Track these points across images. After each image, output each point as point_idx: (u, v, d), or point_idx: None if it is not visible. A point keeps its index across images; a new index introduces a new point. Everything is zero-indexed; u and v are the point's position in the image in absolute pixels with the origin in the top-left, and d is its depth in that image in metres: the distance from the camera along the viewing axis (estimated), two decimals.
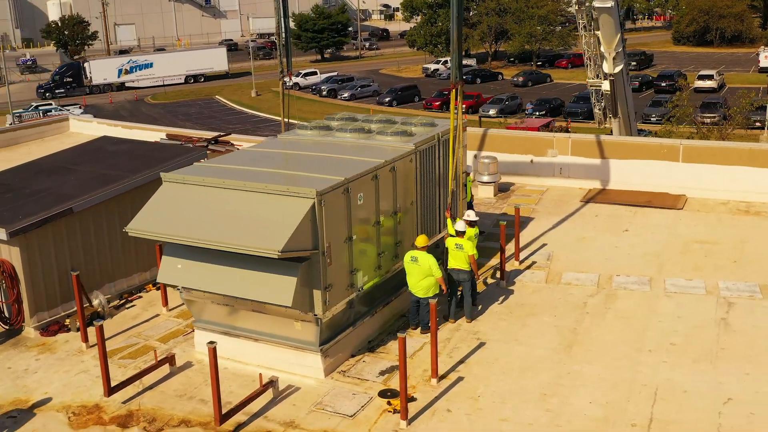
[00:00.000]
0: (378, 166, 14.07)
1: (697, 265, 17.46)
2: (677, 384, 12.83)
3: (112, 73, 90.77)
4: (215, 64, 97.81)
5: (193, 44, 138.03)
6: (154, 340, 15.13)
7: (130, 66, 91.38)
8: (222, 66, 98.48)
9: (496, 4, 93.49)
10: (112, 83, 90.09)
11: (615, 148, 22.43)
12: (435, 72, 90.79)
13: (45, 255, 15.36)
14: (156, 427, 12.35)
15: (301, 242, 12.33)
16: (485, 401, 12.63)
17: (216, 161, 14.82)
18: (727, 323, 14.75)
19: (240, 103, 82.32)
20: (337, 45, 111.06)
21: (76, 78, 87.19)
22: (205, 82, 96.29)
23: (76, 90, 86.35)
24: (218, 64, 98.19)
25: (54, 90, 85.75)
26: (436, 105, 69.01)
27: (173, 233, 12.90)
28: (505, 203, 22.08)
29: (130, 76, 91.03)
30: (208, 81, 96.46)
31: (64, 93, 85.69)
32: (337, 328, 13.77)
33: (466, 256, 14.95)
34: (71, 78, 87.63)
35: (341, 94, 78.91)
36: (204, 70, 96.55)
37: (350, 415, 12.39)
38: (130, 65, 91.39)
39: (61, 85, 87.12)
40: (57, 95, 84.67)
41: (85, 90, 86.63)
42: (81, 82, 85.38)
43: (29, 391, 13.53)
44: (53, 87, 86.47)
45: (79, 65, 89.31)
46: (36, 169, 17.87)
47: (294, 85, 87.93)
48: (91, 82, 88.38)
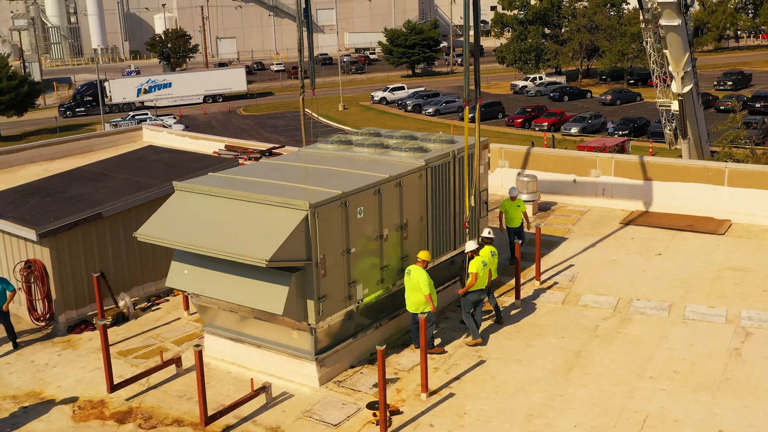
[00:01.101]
0: (381, 180, 14.31)
1: (724, 292, 16.92)
2: (670, 413, 12.54)
3: (131, 93, 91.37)
4: (234, 84, 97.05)
5: (290, 58, 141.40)
6: (169, 342, 15.76)
7: (149, 85, 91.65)
8: (241, 86, 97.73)
9: (587, 21, 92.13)
10: (131, 102, 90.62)
11: (659, 170, 21.93)
12: (523, 89, 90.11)
13: (74, 256, 16.23)
14: (150, 424, 12.90)
15: (293, 253, 12.68)
16: (470, 418, 12.65)
17: (231, 172, 15.36)
18: (739, 354, 14.29)
19: (327, 116, 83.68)
20: (428, 60, 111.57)
21: (97, 97, 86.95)
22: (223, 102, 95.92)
23: (96, 108, 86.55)
24: (237, 84, 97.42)
25: (75, 108, 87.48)
26: (518, 122, 68.57)
27: (175, 239, 13.49)
28: (542, 222, 21.89)
29: (149, 96, 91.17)
30: (227, 101, 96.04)
31: (85, 111, 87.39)
32: (335, 339, 14.04)
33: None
34: (92, 97, 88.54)
35: (425, 109, 79.28)
36: (222, 90, 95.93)
37: (334, 425, 12.63)
38: (149, 85, 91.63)
39: (82, 103, 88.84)
40: (78, 113, 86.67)
41: (105, 108, 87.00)
42: (101, 101, 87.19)
43: (45, 384, 14.35)
44: (74, 105, 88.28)
45: (100, 84, 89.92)
46: (78, 175, 18.90)
47: (381, 99, 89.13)
48: (111, 100, 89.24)
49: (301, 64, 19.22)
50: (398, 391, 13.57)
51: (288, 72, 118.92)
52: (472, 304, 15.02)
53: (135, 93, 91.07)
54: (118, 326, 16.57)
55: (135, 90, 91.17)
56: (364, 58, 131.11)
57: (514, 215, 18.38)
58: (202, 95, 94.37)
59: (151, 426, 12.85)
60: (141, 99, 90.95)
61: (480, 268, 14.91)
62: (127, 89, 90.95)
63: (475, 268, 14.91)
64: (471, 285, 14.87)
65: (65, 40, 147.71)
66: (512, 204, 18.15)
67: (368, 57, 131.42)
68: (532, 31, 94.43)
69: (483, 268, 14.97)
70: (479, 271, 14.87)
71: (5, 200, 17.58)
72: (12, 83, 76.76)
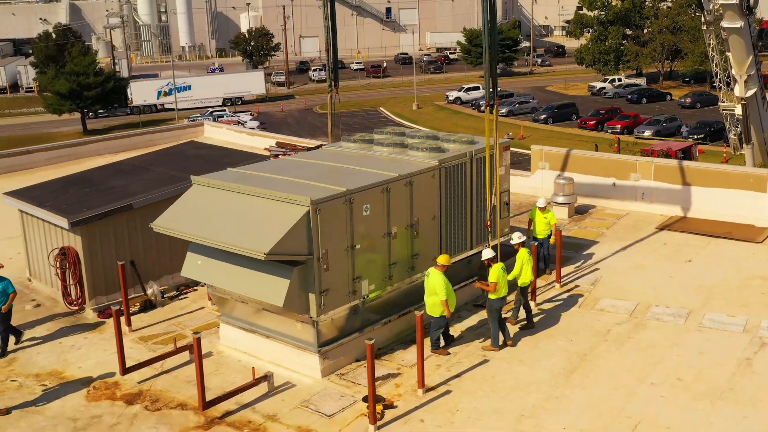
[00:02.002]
0: (390, 179, 14.56)
1: (747, 301, 16.52)
2: (664, 419, 12.41)
3: (151, 95, 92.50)
4: (252, 88, 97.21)
5: (371, 57, 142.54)
6: (189, 330, 16.36)
7: (168, 88, 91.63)
8: (259, 89, 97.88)
9: (670, 22, 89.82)
10: (151, 104, 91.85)
11: (699, 175, 21.46)
12: (601, 90, 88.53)
13: (105, 245, 17.02)
14: (156, 406, 13.49)
15: (293, 247, 13.05)
16: (461, 416, 12.79)
17: (250, 168, 15.84)
18: (750, 364, 13.97)
19: (400, 115, 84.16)
20: (506, 60, 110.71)
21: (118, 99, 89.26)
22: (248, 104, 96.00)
23: (117, 110, 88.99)
24: (256, 87, 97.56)
25: (97, 110, 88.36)
26: (591, 124, 67.49)
27: (186, 231, 14.06)
28: (576, 226, 21.72)
29: (169, 98, 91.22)
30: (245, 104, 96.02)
31: (106, 113, 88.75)
32: (340, 332, 14.37)
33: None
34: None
35: (499, 109, 78.63)
36: (241, 93, 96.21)
37: (328, 415, 12.96)
38: (169, 87, 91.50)
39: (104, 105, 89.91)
40: (100, 115, 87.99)
41: (126, 110, 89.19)
42: (122, 103, 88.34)
43: (67, 364, 15.14)
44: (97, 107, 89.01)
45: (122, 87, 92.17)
46: (119, 168, 19.76)
47: (456, 99, 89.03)
48: (132, 102, 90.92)
49: (328, 64, 19.55)
50: (397, 386, 13.80)
51: (366, 71, 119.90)
52: (497, 311, 14.95)
53: (155, 95, 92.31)
54: (145, 313, 17.29)
55: (155, 92, 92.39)
56: (443, 57, 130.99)
57: (540, 224, 18.12)
58: (221, 98, 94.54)
59: (156, 408, 13.44)
60: (161, 101, 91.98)
61: (500, 276, 14.87)
62: (148, 91, 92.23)
63: (494, 277, 14.82)
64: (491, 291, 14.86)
65: (155, 38, 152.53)
66: (539, 214, 17.96)
67: (448, 57, 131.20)
68: (612, 32, 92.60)
69: (503, 276, 14.94)
70: (499, 279, 14.84)
71: (48, 190, 18.54)
72: (98, 79, 79.78)
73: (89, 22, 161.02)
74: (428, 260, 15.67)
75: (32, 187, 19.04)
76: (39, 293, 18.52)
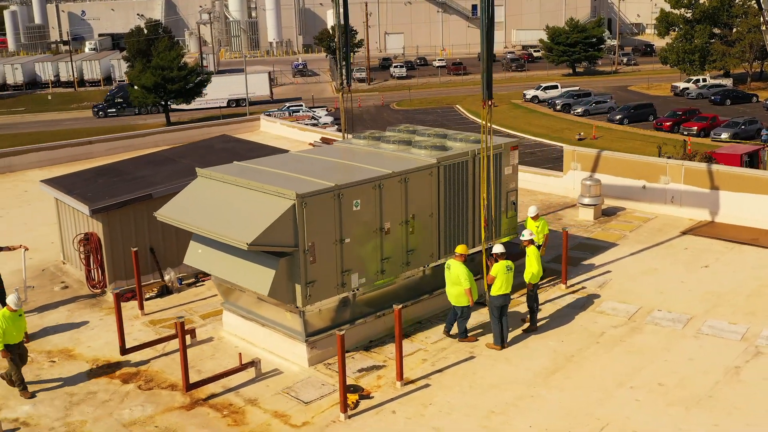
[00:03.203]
0: (383, 176, 14.88)
1: (754, 310, 16.15)
2: (633, 423, 12.37)
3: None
4: (257, 89, 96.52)
5: (455, 54, 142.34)
6: (198, 315, 17.09)
7: None
8: (264, 91, 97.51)
9: (759, 21, 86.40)
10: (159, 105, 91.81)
11: (729, 180, 20.94)
12: (684, 91, 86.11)
13: (125, 232, 17.90)
14: (148, 386, 14.21)
15: (278, 238, 13.53)
16: (432, 409, 13.03)
17: (254, 162, 16.41)
18: (738, 372, 13.72)
19: (475, 113, 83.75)
20: (589, 59, 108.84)
21: (126, 99, 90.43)
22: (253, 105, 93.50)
23: (125, 110, 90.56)
24: (260, 89, 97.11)
25: (106, 110, 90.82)
26: (667, 126, 65.78)
27: (184, 220, 14.74)
28: (600, 228, 21.52)
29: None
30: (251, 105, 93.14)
31: (116, 113, 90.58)
32: (329, 323, 14.79)
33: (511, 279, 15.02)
34: (121, 99, 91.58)
35: (575, 109, 77.62)
36: (245, 94, 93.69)
37: (306, 402, 13.41)
38: None
39: (113, 105, 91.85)
40: (109, 115, 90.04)
41: (133, 110, 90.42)
42: (130, 103, 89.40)
43: (78, 343, 16.05)
44: (106, 107, 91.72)
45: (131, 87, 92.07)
46: (150, 159, 20.68)
47: (533, 97, 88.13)
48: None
49: (339, 61, 19.93)
50: (379, 377, 14.14)
51: (448, 68, 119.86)
52: (498, 309, 15.03)
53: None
54: (161, 298, 18.11)
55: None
56: (527, 55, 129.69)
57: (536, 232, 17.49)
58: (226, 99, 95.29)
59: (149, 387, 14.15)
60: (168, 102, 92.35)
61: (503, 271, 14.95)
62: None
63: (495, 271, 15.00)
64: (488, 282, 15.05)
65: (244, 34, 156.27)
66: (532, 223, 17.46)
67: (531, 54, 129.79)
68: (698, 31, 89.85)
69: (506, 272, 14.99)
70: (500, 275, 14.91)
71: (81, 179, 19.60)
72: (182, 73, 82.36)
73: (183, 17, 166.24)
74: (425, 256, 15.97)
75: (67, 176, 20.15)
76: (69, 276, 19.59)
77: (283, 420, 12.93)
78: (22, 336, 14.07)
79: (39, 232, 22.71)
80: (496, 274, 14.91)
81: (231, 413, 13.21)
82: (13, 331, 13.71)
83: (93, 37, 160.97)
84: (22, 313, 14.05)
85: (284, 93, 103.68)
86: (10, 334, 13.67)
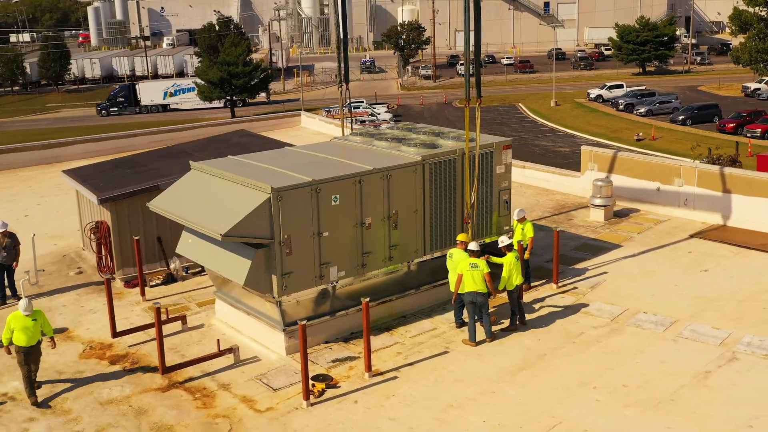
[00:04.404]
0: (363, 172, 15.24)
1: (744, 315, 15.91)
2: (585, 422, 12.44)
3: (158, 95, 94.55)
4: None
5: (525, 52, 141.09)
6: (194, 303, 17.77)
7: (174, 89, 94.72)
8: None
9: None
10: (158, 104, 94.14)
11: (743, 184, 20.54)
12: (755, 91, 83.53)
13: (133, 221, 18.70)
14: (133, 368, 14.92)
15: (252, 230, 14.04)
16: (393, 401, 13.35)
17: (247, 156, 16.94)
18: (706, 377, 13.61)
19: (536, 111, 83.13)
20: (660, 58, 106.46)
21: (128, 98, 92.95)
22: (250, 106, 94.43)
23: (127, 109, 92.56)
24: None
25: (109, 108, 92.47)
26: (730, 127, 63.99)
27: (171, 210, 15.41)
28: (608, 229, 21.39)
29: (174, 99, 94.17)
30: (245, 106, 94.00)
31: (118, 112, 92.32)
32: (308, 314, 15.23)
33: (482, 276, 15.09)
34: (123, 98, 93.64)
35: (637, 109, 76.17)
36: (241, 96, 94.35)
37: (274, 389, 13.89)
38: (175, 88, 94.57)
39: (115, 104, 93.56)
40: (111, 113, 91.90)
41: (135, 110, 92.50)
42: (132, 103, 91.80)
43: (78, 325, 16.90)
44: (109, 106, 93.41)
45: (132, 87, 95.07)
46: (167, 152, 21.50)
47: (597, 97, 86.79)
48: (140, 102, 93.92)
49: (339, 59, 20.29)
50: (350, 368, 14.51)
51: (515, 66, 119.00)
52: (470, 305, 15.20)
53: (162, 96, 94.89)
54: (166, 286, 18.86)
55: (162, 93, 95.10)
56: (597, 54, 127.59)
57: (516, 236, 17.27)
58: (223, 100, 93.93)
59: (132, 369, 14.86)
60: (167, 102, 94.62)
61: (466, 269, 15.16)
62: (155, 92, 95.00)
63: (461, 269, 15.23)
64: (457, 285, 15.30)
65: (316, 30, 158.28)
66: (518, 225, 17.45)
67: (602, 53, 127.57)
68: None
69: (470, 269, 15.07)
70: (463, 271, 15.18)
71: (99, 170, 20.54)
72: (247, 69, 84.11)
73: (258, 14, 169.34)
74: (408, 252, 16.26)
75: (87, 167, 21.15)
76: (86, 262, 20.55)
77: (249, 405, 13.43)
78: (35, 341, 13.78)
79: (69, 220, 23.75)
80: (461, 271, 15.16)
81: (202, 396, 13.79)
82: (21, 334, 13.56)
83: (171, 32, 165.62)
84: (37, 318, 13.82)
85: (350, 89, 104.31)
86: (18, 335, 13.56)
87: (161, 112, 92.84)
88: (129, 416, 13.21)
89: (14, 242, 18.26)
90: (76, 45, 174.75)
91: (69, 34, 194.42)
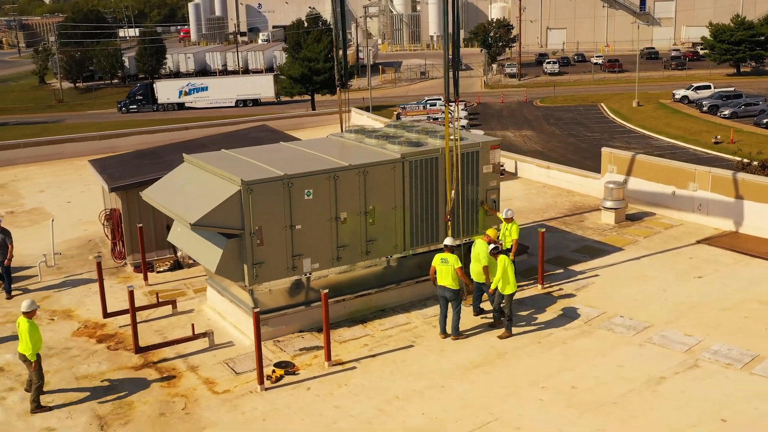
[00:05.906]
0: (338, 168, 15.71)
1: (721, 323, 15.61)
2: (520, 421, 12.59)
3: (174, 94, 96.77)
4: (263, 91, 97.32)
5: (618, 50, 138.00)
6: (192, 290, 18.62)
7: (189, 88, 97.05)
8: (269, 93, 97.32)
9: None
10: (173, 103, 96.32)
11: (757, 190, 19.97)
12: None
13: (143, 209, 19.66)
14: (116, 347, 15.83)
15: (223, 220, 14.70)
16: (343, 390, 13.78)
17: (238, 150, 17.62)
18: (659, 383, 13.49)
19: (617, 112, 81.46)
20: (756, 58, 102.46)
21: (146, 97, 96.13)
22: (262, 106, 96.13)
23: (145, 107, 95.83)
24: (265, 90, 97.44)
25: (129, 106, 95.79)
26: None
27: (158, 200, 16.25)
28: (615, 232, 21.16)
29: (189, 98, 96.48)
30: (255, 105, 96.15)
31: (136, 109, 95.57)
32: (282, 303, 15.82)
33: (452, 271, 15.35)
34: (142, 96, 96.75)
35: (722, 111, 73.73)
36: (253, 95, 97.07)
37: (237, 373, 14.55)
38: (189, 87, 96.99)
39: (134, 102, 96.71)
40: (131, 110, 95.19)
41: (152, 107, 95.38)
42: (150, 101, 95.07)
43: (80, 306, 18.00)
44: (128, 103, 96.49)
45: (150, 86, 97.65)
46: (187, 145, 22.43)
47: (683, 98, 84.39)
48: (158, 100, 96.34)
49: (336, 58, 20.70)
50: (315, 357, 15.01)
51: (603, 65, 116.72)
52: (441, 299, 15.58)
53: (177, 94, 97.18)
54: (171, 272, 19.80)
55: (177, 92, 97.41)
56: (692, 53, 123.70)
57: (505, 235, 17.45)
58: (234, 99, 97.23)
59: (115, 348, 15.78)
60: (181, 100, 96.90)
61: (437, 263, 15.54)
62: (171, 91, 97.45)
63: (435, 262, 15.62)
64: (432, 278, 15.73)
65: (406, 27, 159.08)
66: (504, 225, 17.46)
67: (698, 52, 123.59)
68: None
69: (440, 263, 15.48)
70: (435, 265, 15.56)
71: (120, 161, 21.70)
72: (327, 65, 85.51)
73: (351, 10, 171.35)
74: (387, 247, 16.63)
75: (110, 157, 22.39)
76: (107, 247, 21.72)
77: (209, 387, 14.11)
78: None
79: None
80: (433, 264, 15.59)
81: (169, 376, 14.56)
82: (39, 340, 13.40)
83: (267, 28, 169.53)
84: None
85: (432, 87, 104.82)
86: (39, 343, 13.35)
87: (176, 110, 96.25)
88: (98, 391, 14.09)
89: (7, 238, 18.56)
90: (177, 40, 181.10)
91: (175, 29, 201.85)
